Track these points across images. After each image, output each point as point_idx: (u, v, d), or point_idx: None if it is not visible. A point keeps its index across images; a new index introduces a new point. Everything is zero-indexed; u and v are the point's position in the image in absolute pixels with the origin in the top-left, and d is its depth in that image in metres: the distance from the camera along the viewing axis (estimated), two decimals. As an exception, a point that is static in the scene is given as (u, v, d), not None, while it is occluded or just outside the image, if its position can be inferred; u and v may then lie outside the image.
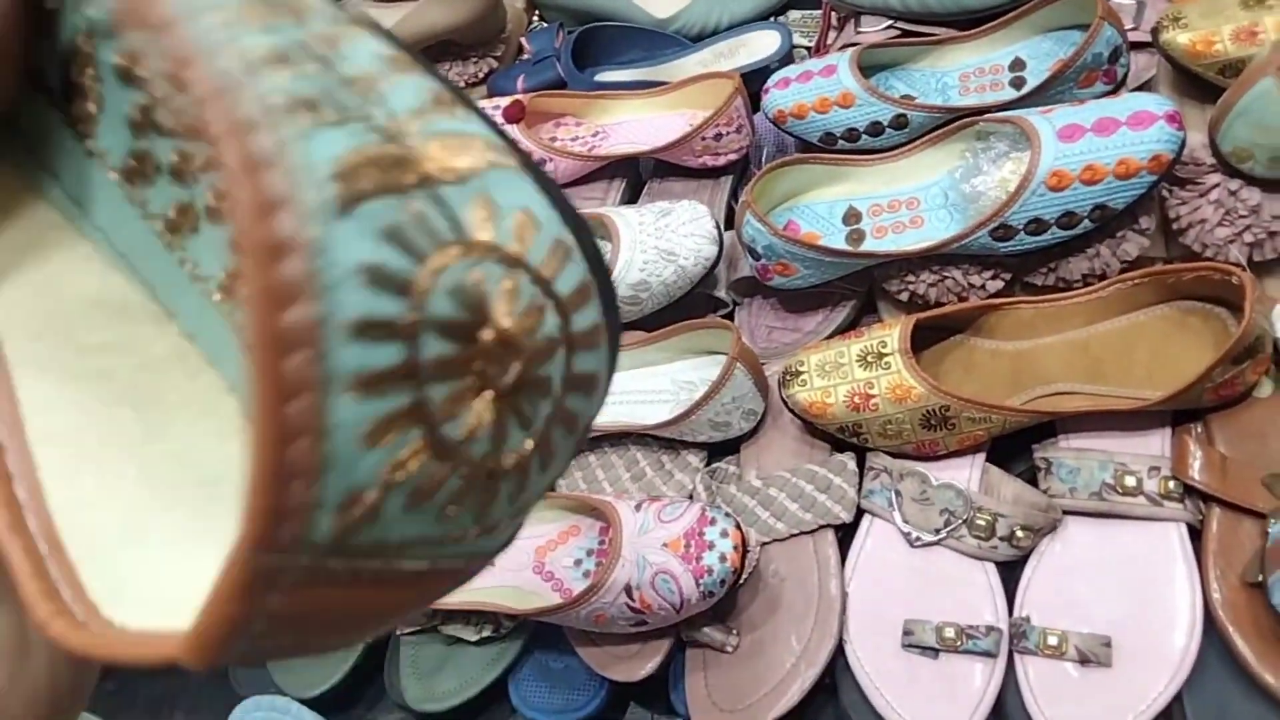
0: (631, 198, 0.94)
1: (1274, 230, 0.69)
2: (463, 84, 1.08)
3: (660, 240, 0.77)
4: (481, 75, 1.08)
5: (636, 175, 0.95)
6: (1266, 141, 0.66)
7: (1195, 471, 0.64)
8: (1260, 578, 0.59)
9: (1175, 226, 0.71)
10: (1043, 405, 0.68)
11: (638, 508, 0.68)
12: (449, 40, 1.04)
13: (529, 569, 0.72)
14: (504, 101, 0.92)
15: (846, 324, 0.79)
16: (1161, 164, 0.65)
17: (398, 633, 0.76)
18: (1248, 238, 0.69)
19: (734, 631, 0.68)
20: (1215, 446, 0.65)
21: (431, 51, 1.06)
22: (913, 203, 0.75)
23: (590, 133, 0.93)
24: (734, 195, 0.90)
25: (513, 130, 0.91)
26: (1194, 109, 0.78)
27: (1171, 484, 0.64)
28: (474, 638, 0.72)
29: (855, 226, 0.79)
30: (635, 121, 0.92)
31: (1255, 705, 0.59)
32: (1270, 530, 0.61)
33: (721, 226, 0.83)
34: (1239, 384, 0.64)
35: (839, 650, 0.66)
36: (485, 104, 0.97)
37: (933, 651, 0.64)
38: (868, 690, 0.64)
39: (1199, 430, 0.67)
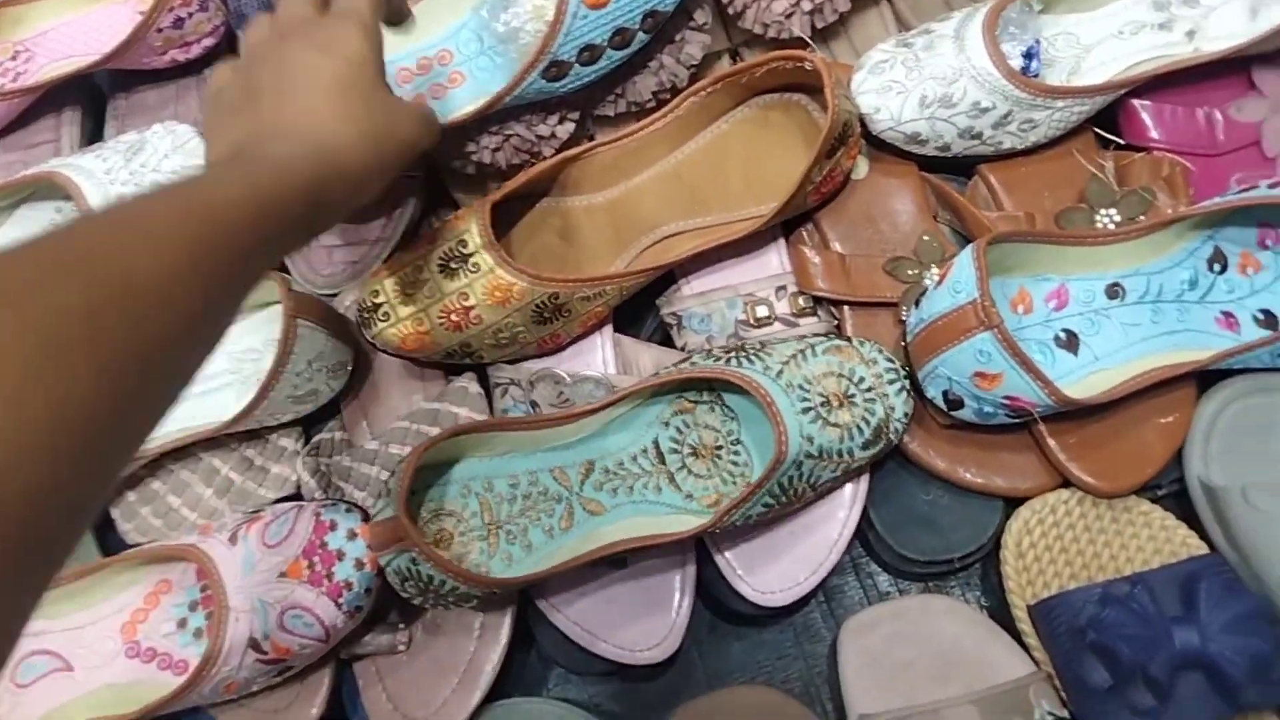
0: (96, 128, 0.72)
1: (828, -9, 0.63)
2: None
3: (142, 188, 0.58)
4: None
5: (93, 96, 0.73)
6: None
7: (819, 280, 0.59)
8: (909, 373, 0.56)
9: (731, 11, 0.64)
10: (653, 258, 0.60)
11: (232, 539, 0.53)
12: None
13: (121, 655, 0.56)
14: None
15: (417, 219, 0.66)
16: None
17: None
18: (806, 6, 0.62)
19: (401, 626, 0.57)
20: (831, 247, 0.61)
21: None
22: (444, 57, 0.61)
23: (7, 55, 0.69)
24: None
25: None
26: None
27: (801, 300, 0.60)
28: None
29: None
30: (62, 26, 0.70)
31: (933, 493, 0.59)
32: (904, 320, 0.58)
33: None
34: (838, 175, 0.59)
35: (526, 606, 0.58)
36: None
37: (621, 563, 0.57)
38: (568, 630, 0.57)
39: (812, 233, 0.62)
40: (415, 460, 0.49)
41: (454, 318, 0.56)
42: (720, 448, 0.57)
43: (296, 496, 0.60)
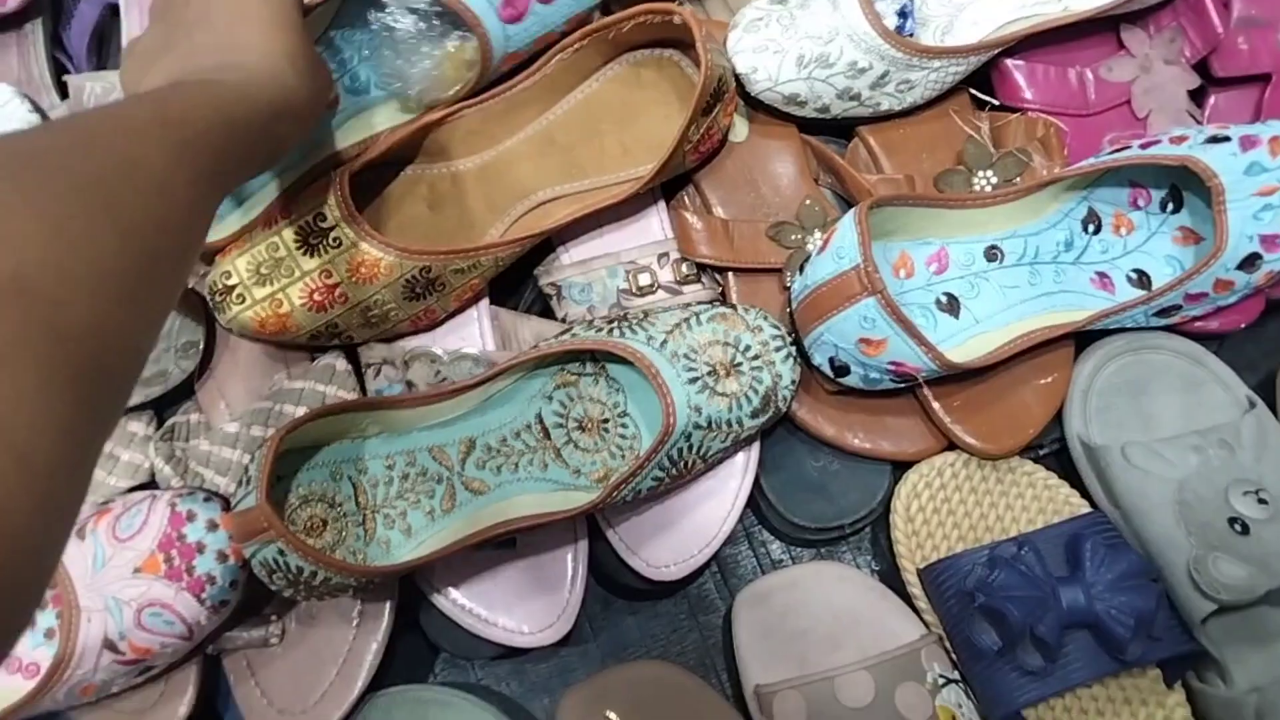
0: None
1: (696, -59, 0.61)
2: None
3: None
4: None
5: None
6: None
7: (701, 246, 0.58)
8: (796, 339, 0.56)
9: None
10: (529, 226, 0.58)
11: (79, 533, 0.49)
12: None
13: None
14: None
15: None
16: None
17: None
18: (677, -40, 0.60)
19: (273, 618, 0.54)
20: (714, 212, 0.59)
21: None
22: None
23: None
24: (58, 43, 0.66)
25: None
26: None
27: (685, 266, 0.58)
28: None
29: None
30: None
31: (823, 459, 0.58)
32: (789, 286, 0.57)
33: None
34: (716, 133, 0.58)
35: (409, 590, 0.55)
36: None
37: (510, 543, 0.55)
38: (454, 614, 0.54)
39: (693, 196, 0.60)
40: (278, 443, 0.46)
41: (317, 297, 0.53)
42: (607, 421, 0.55)
43: (150, 485, 0.56)
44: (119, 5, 0.63)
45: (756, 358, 0.53)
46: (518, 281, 0.61)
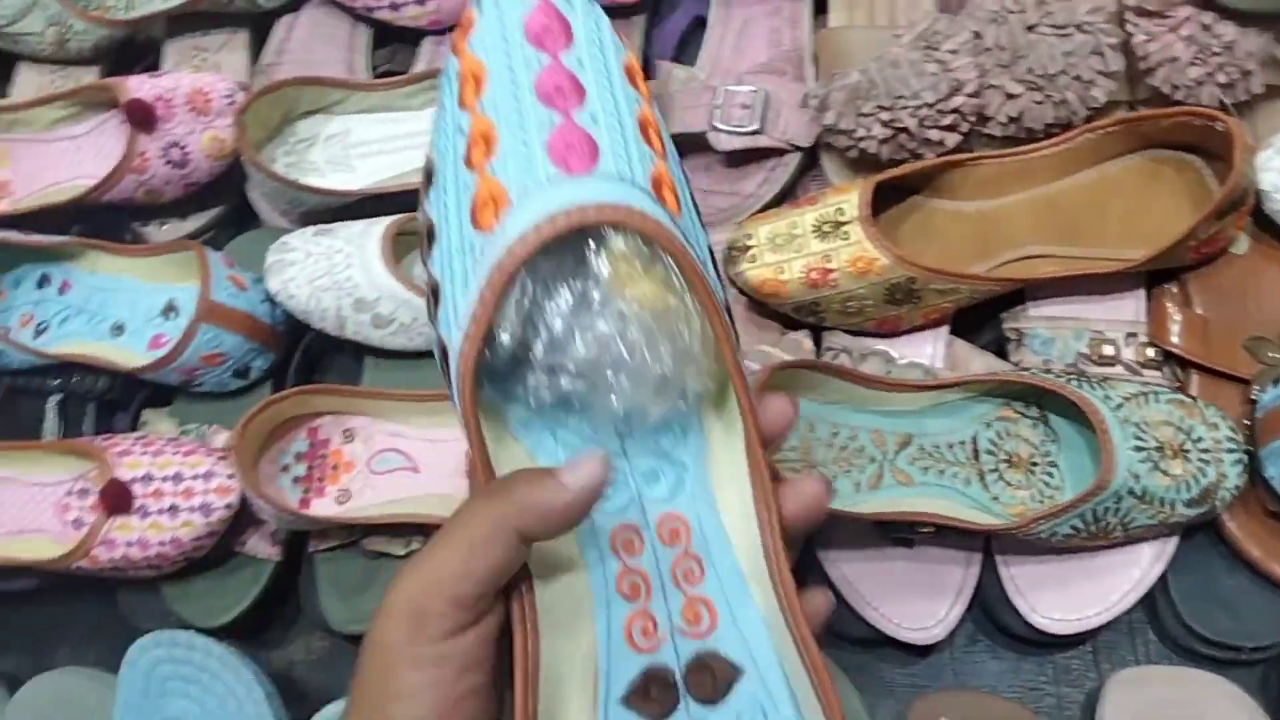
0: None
1: (1248, 69, 0.63)
2: None
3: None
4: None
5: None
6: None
7: (1175, 337, 0.59)
8: (1249, 449, 0.55)
9: (1143, 66, 0.64)
10: (1014, 271, 0.62)
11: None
12: None
13: (459, 474, 0.64)
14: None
15: (790, 183, 0.71)
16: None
17: (310, 549, 0.67)
18: (1221, 78, 0.62)
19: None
20: (1194, 308, 0.61)
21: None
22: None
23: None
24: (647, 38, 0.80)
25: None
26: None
27: (1150, 351, 0.60)
28: (401, 551, 0.64)
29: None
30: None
31: (1239, 579, 0.57)
32: (1256, 398, 0.57)
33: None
34: (1222, 239, 0.59)
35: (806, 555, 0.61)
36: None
37: (907, 543, 0.59)
38: (840, 586, 0.59)
39: (1176, 291, 0.62)
40: (768, 375, 0.53)
41: (814, 275, 0.60)
42: (1035, 464, 0.58)
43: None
44: (707, 19, 0.76)
45: (1206, 451, 0.54)
46: (978, 321, 0.65)
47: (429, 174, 0.36)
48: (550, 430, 0.37)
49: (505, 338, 0.32)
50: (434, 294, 0.35)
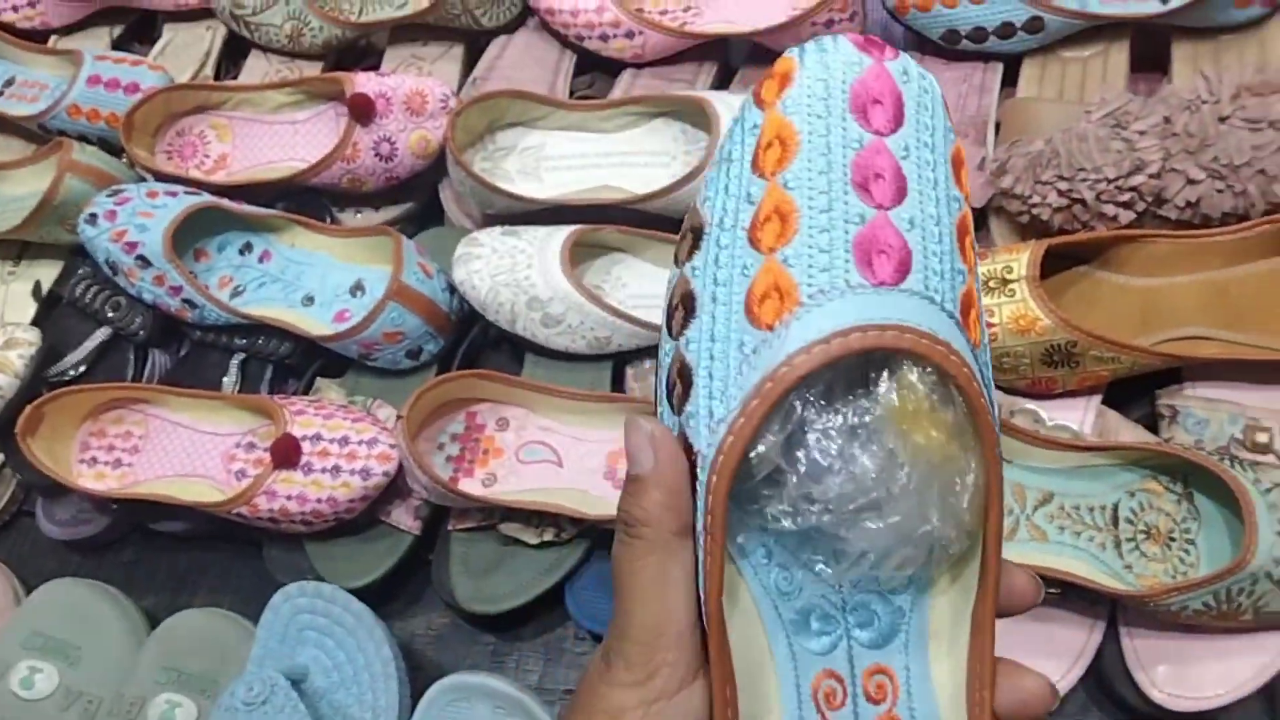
0: (721, 85, 0.86)
1: None
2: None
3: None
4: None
5: (727, 60, 0.88)
6: None
7: (1335, 435, 0.59)
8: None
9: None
10: (1175, 349, 0.63)
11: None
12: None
13: (600, 474, 0.67)
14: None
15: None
16: None
17: (448, 528, 0.71)
18: (1407, 191, 0.62)
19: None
20: (1359, 410, 0.60)
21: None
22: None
23: (681, 6, 0.86)
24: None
25: None
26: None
27: (1307, 445, 0.60)
28: (534, 541, 0.68)
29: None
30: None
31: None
32: None
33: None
34: (1398, 347, 0.59)
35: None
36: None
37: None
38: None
39: (1342, 391, 0.62)
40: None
41: (973, 328, 0.62)
42: (1174, 539, 0.58)
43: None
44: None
45: (1357, 551, 0.53)
46: (1127, 396, 0.66)
47: (696, 234, 0.31)
48: (765, 544, 0.32)
49: (754, 453, 0.28)
50: (681, 374, 0.30)
